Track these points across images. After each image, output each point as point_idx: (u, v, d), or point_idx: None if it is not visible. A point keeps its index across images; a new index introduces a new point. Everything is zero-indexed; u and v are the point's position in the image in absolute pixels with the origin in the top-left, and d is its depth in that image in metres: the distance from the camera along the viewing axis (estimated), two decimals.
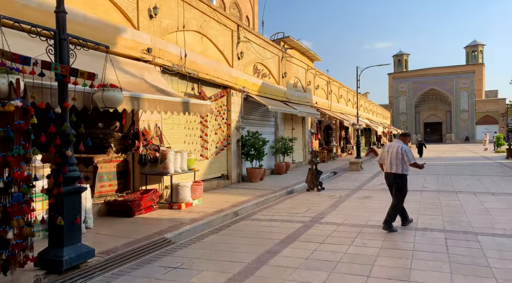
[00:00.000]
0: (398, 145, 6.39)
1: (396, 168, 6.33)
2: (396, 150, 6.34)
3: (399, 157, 6.28)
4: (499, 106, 60.28)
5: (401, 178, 6.36)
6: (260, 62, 14.36)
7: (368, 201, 9.25)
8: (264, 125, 15.32)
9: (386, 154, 6.54)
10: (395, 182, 6.40)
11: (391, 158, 6.39)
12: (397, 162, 6.30)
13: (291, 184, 12.29)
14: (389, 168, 6.44)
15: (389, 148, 6.56)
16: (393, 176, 6.41)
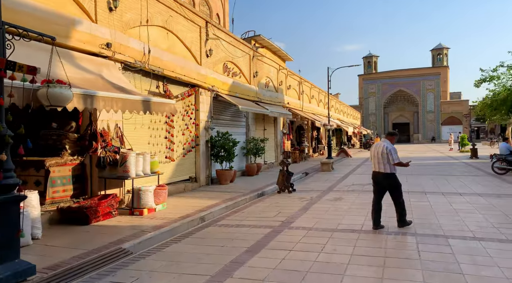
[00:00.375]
0: (384, 144, 6.45)
1: (384, 167, 6.40)
2: (381, 150, 6.41)
3: (385, 156, 6.35)
4: (462, 107, 62.82)
5: (390, 177, 6.41)
6: (230, 61, 13.96)
7: (338, 203, 9.08)
8: (235, 126, 14.94)
9: (372, 153, 6.62)
10: (386, 183, 6.45)
11: (378, 157, 6.46)
12: (384, 162, 6.38)
13: (262, 186, 11.98)
14: (377, 167, 6.52)
15: (375, 147, 6.61)
16: (381, 176, 6.46)
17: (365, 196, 9.91)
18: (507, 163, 13.99)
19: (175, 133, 10.62)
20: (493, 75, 24.98)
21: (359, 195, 10.15)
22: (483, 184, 11.74)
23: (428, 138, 63.00)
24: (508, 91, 24.08)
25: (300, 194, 10.64)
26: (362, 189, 11.39)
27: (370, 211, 7.75)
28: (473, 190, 10.51)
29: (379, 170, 6.46)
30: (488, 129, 62.47)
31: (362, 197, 9.84)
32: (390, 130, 7.60)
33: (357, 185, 12.37)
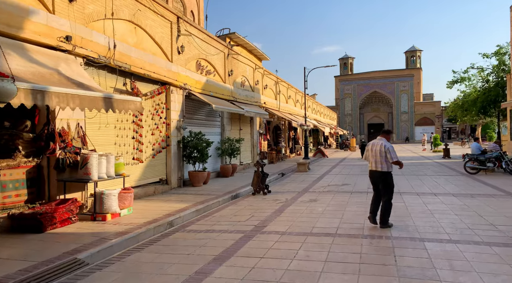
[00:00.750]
0: (381, 142, 6.45)
1: (381, 166, 6.39)
2: (379, 148, 6.39)
3: (383, 155, 6.34)
4: (435, 108, 64.61)
5: (386, 175, 6.41)
6: (203, 58, 13.53)
7: (313, 204, 8.83)
8: (209, 126, 14.50)
9: (370, 152, 6.58)
10: (381, 180, 6.44)
11: (375, 156, 6.45)
12: (381, 160, 6.36)
13: (237, 188, 11.62)
14: (374, 166, 6.49)
15: (372, 146, 6.58)
16: (378, 174, 6.45)
17: (340, 197, 9.73)
18: (478, 162, 14.21)
19: (144, 133, 10.10)
20: (464, 77, 25.66)
21: (334, 196, 9.96)
22: (456, 184, 11.82)
23: (402, 138, 64.38)
24: (478, 92, 24.78)
25: (275, 196, 10.34)
26: (338, 190, 11.22)
27: (344, 214, 7.56)
28: (447, 190, 10.53)
29: (376, 168, 6.45)
30: (459, 129, 64.51)
31: (338, 198, 9.65)
32: (385, 128, 7.63)
33: (333, 186, 12.20)
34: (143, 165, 10.06)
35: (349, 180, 13.60)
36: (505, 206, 8.01)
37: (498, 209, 7.66)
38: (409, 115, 64.63)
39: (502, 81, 23.41)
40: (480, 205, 8.15)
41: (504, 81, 23.08)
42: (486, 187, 10.84)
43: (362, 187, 11.56)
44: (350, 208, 8.16)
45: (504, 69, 23.53)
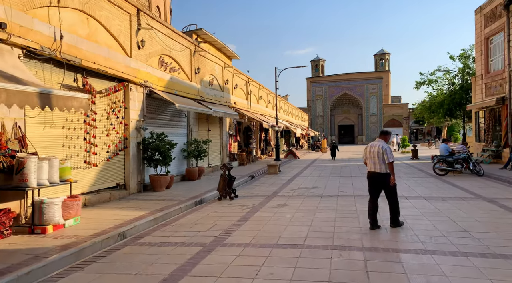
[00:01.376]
0: (379, 144, 6.44)
1: (380, 167, 6.36)
2: (377, 149, 6.39)
3: (381, 156, 6.33)
4: (402, 110, 66.26)
5: (386, 176, 6.36)
6: (167, 55, 12.73)
7: (282, 210, 8.30)
8: (174, 126, 13.71)
9: (368, 154, 6.56)
10: (381, 182, 6.40)
11: (373, 157, 6.43)
12: (380, 161, 6.34)
13: (202, 192, 10.94)
14: (373, 168, 6.46)
15: (371, 147, 6.57)
16: (377, 175, 6.41)
17: (310, 202, 9.26)
18: (447, 164, 14.23)
19: (99, 134, 9.22)
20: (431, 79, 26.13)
21: (304, 201, 9.48)
22: (426, 186, 11.67)
23: (371, 139, 65.43)
24: (445, 95, 25.30)
25: (243, 201, 9.74)
26: (308, 193, 10.77)
27: (313, 221, 7.07)
28: (417, 193, 10.31)
29: (375, 170, 6.40)
30: (425, 131, 66.47)
31: (307, 203, 9.17)
32: (383, 129, 7.35)
33: (303, 189, 11.76)
34: (97, 169, 9.18)
35: (319, 183, 13.22)
36: (476, 210, 7.79)
37: (470, 213, 7.42)
38: (378, 116, 65.87)
39: (467, 84, 23.97)
40: (452, 209, 7.90)
41: (468, 83, 23.64)
42: (456, 190, 10.73)
43: (333, 190, 11.17)
44: (319, 214, 7.68)
45: (469, 72, 24.12)
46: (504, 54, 17.38)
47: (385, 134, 6.79)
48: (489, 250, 5.02)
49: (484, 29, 19.66)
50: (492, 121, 19.31)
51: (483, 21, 19.79)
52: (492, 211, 7.61)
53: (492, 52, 19.37)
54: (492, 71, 19.32)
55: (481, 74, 20.27)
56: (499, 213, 7.44)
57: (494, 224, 6.50)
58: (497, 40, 18.64)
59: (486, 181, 12.52)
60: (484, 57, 19.80)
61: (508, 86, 16.91)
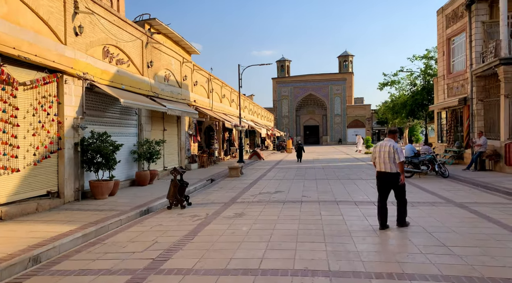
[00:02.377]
0: (390, 143, 6.38)
1: (390, 167, 6.28)
2: (388, 149, 6.31)
3: (391, 156, 6.26)
4: (365, 111, 67.46)
5: (397, 176, 6.28)
6: (114, 45, 11.34)
7: (238, 221, 7.27)
8: (122, 125, 12.31)
9: (377, 153, 6.50)
10: (392, 182, 6.32)
11: (384, 157, 6.34)
12: (390, 161, 6.26)
13: (151, 200, 9.71)
14: (383, 168, 6.36)
15: (380, 147, 6.51)
16: (387, 175, 6.32)
17: (271, 210, 8.31)
18: (413, 165, 13.83)
19: (22, 133, 7.76)
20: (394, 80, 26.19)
21: (264, 208, 8.51)
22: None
23: (335, 140, 66.16)
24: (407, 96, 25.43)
25: (195, 210, 8.62)
26: (269, 199, 9.82)
27: (273, 235, 6.12)
28: None
29: (385, 170, 6.31)
30: (387, 131, 67.90)
31: (268, 211, 8.20)
32: (390, 127, 7.71)
33: (265, 194, 10.80)
34: (19, 175, 7.71)
35: (283, 186, 12.33)
36: (450, 218, 7.16)
37: (444, 222, 6.75)
38: (341, 117, 66.62)
39: (429, 84, 24.17)
40: (424, 217, 7.22)
41: (431, 84, 23.82)
42: (424, 193, 10.19)
43: (296, 195, 10.30)
44: (280, 226, 6.72)
45: (430, 73, 24.33)
46: (466, 55, 17.39)
47: (394, 133, 6.71)
48: (476, 272, 4.25)
49: (446, 29, 19.71)
50: (454, 122, 19.37)
51: (445, 21, 19.84)
52: (466, 219, 7.00)
53: (454, 53, 19.44)
54: (454, 72, 19.39)
55: (443, 74, 20.33)
56: (473, 221, 6.82)
57: (473, 236, 5.82)
58: (459, 40, 18.70)
59: (452, 183, 12.17)
60: (446, 57, 19.85)
61: (470, 87, 16.91)
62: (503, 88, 14.59)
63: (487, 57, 15.57)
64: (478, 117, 16.74)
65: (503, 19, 14.38)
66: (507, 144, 14.17)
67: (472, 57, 16.70)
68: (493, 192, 10.16)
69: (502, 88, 14.66)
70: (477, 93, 16.69)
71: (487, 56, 15.61)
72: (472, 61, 16.67)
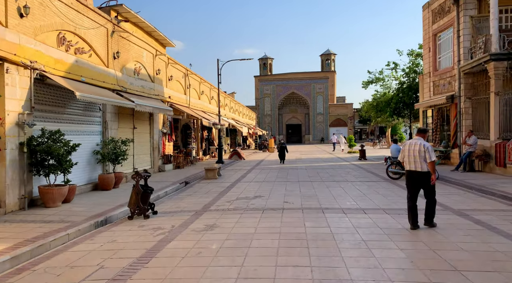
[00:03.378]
0: (420, 142, 6.33)
1: (421, 166, 6.23)
2: (418, 148, 6.26)
3: (422, 155, 6.21)
4: (347, 110, 67.25)
5: (427, 176, 6.23)
6: (71, 31, 10.00)
7: (209, 236, 6.16)
8: (83, 122, 10.98)
9: (407, 152, 6.44)
10: (422, 181, 6.26)
11: (414, 156, 6.30)
12: (421, 160, 6.22)
13: (113, 207, 8.51)
14: (413, 166, 6.32)
15: (410, 145, 6.43)
16: (418, 174, 6.28)
17: (248, 220, 7.23)
18: (401, 167, 12.99)
19: None
20: (378, 77, 25.56)
21: (241, 218, 7.42)
22: (383, 193, 10.18)
23: (317, 139, 65.68)
24: (392, 94, 24.83)
25: (160, 221, 7.45)
26: (247, 206, 8.74)
27: (248, 255, 5.04)
28: (375, 203, 8.71)
29: (416, 169, 6.27)
30: (369, 130, 68.05)
31: (244, 221, 7.12)
32: (420, 127, 7.61)
33: (243, 199, 9.71)
34: None
35: (263, 190, 11.28)
36: (454, 231, 6.25)
37: (448, 236, 5.82)
38: (324, 116, 66.16)
39: (415, 83, 23.60)
40: (423, 228, 6.28)
41: (416, 83, 23.26)
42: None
43: (277, 201, 9.26)
44: (257, 243, 5.65)
45: (416, 71, 23.78)
46: (453, 51, 16.75)
47: (423, 132, 6.66)
48: None
49: (432, 25, 19.07)
50: (440, 121, 18.75)
51: (431, 17, 19.20)
52: (472, 231, 6.09)
53: (440, 49, 18.82)
54: (440, 68, 18.77)
55: (429, 72, 19.70)
56: (481, 235, 5.92)
57: (487, 255, 4.89)
58: (446, 36, 18.07)
59: (443, 186, 11.38)
60: (432, 54, 19.22)
61: (458, 84, 16.27)
62: (493, 85, 13.96)
63: (476, 52, 14.93)
64: (466, 116, 16.12)
65: (494, 13, 13.72)
66: (497, 144, 13.54)
67: (460, 53, 16.06)
68: (489, 197, 9.38)
69: (492, 85, 14.04)
70: (465, 90, 16.08)
71: (476, 51, 14.98)
72: (460, 57, 16.03)
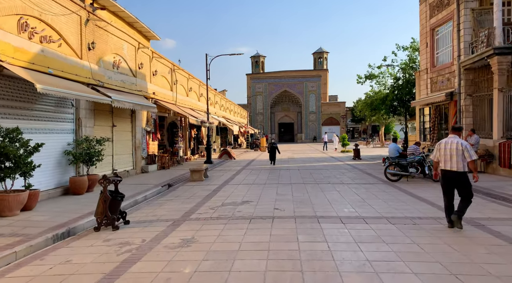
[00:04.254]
0: (457, 141, 6.12)
1: (457, 166, 6.01)
2: (456, 146, 6.05)
3: (460, 153, 6.00)
4: (340, 109, 66.60)
5: (464, 176, 6.01)
6: (36, 17, 8.90)
7: (183, 254, 5.16)
8: (51, 119, 9.89)
9: (443, 151, 6.24)
10: (458, 181, 6.03)
11: (451, 155, 6.09)
12: (458, 159, 6.01)
13: (80, 216, 7.49)
14: (449, 166, 6.10)
15: (446, 144, 6.24)
16: (454, 174, 6.04)
17: (232, 232, 6.24)
18: (400, 167, 12.14)
19: None
20: (373, 73, 24.73)
21: (224, 229, 6.44)
22: (383, 198, 9.27)
23: (310, 137, 64.89)
24: (388, 91, 24.02)
25: (131, 232, 6.44)
26: (233, 213, 7.76)
27: (228, 281, 4.06)
28: (376, 210, 7.79)
29: (451, 168, 6.08)
30: (361, 129, 67.49)
31: (228, 234, 6.13)
32: (455, 125, 6.84)
33: (229, 205, 8.73)
34: None
35: (252, 194, 10.32)
36: (471, 246, 5.35)
37: (467, 254, 4.91)
38: (316, 115, 65.38)
39: (411, 79, 22.81)
40: (438, 244, 5.37)
41: (413, 79, 22.46)
42: (421, 204, 8.43)
43: (267, 207, 8.29)
44: (240, 265, 4.67)
45: (413, 67, 22.99)
46: (453, 45, 15.95)
47: (459, 130, 6.40)
48: None
49: (430, 19, 18.26)
50: (438, 119, 17.98)
51: (429, 11, 18.39)
52: (494, 247, 5.19)
53: (438, 44, 18.02)
54: (438, 64, 17.98)
55: (426, 68, 18.91)
56: (507, 252, 5.01)
57: None
58: (444, 30, 17.27)
59: None
60: (430, 49, 18.42)
61: (458, 80, 15.48)
62: (496, 81, 13.17)
63: (478, 47, 14.14)
64: (466, 114, 15.34)
65: (498, 4, 12.92)
66: (501, 143, 12.77)
67: (460, 48, 15.26)
68: (500, 202, 8.54)
69: (495, 81, 13.24)
70: (466, 87, 15.28)
71: (478, 46, 14.18)
72: (460, 52, 15.23)
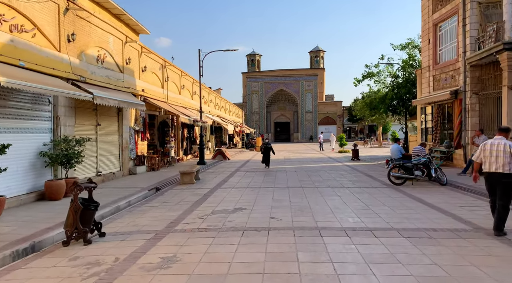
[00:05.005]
0: (504, 142, 5.92)
1: (502, 168, 5.81)
2: (503, 148, 5.86)
3: (507, 155, 5.79)
4: (336, 108, 65.93)
5: (509, 177, 5.78)
6: (5, 3, 7.98)
7: (161, 279, 4.30)
8: (25, 117, 8.98)
9: (488, 152, 6.03)
10: (503, 183, 5.81)
11: (497, 156, 5.89)
12: (505, 161, 5.80)
13: (51, 226, 6.64)
14: (493, 167, 5.91)
15: (491, 145, 6.01)
16: (499, 176, 5.83)
17: (222, 249, 5.38)
18: (404, 170, 11.34)
19: None
20: (372, 72, 24.00)
21: (212, 245, 5.58)
22: (389, 204, 8.46)
23: (306, 137, 64.19)
24: (387, 90, 23.32)
25: (103, 248, 5.57)
26: (224, 223, 6.91)
27: None
28: (383, 219, 6.98)
29: (496, 170, 5.85)
30: (358, 129, 66.88)
31: (217, 252, 5.26)
32: (502, 126, 6.86)
33: (219, 213, 7.88)
34: None
35: (246, 199, 9.47)
36: (503, 264, 4.55)
37: (503, 280, 4.10)
38: (313, 114, 64.68)
39: (411, 77, 22.07)
40: (463, 266, 4.56)
41: (413, 77, 21.73)
42: (434, 212, 7.62)
43: (262, 216, 7.45)
44: None
45: (413, 65, 22.26)
46: (458, 41, 15.19)
47: (507, 131, 6.15)
48: None
49: (433, 14, 17.51)
50: (441, 118, 17.23)
51: (431, 5, 17.64)
52: None
53: (441, 41, 17.27)
54: (441, 61, 17.22)
55: (428, 65, 18.15)
56: None
57: None
58: (448, 26, 16.52)
59: (457, 194, 9.77)
60: (432, 46, 17.67)
61: (463, 78, 14.72)
62: (505, 78, 12.40)
63: (486, 42, 13.38)
64: (472, 113, 14.59)
65: None
66: None
67: (466, 44, 14.50)
68: None
69: (504, 78, 12.47)
70: (472, 85, 14.53)
71: (485, 41, 13.42)
72: (466, 48, 14.48)
